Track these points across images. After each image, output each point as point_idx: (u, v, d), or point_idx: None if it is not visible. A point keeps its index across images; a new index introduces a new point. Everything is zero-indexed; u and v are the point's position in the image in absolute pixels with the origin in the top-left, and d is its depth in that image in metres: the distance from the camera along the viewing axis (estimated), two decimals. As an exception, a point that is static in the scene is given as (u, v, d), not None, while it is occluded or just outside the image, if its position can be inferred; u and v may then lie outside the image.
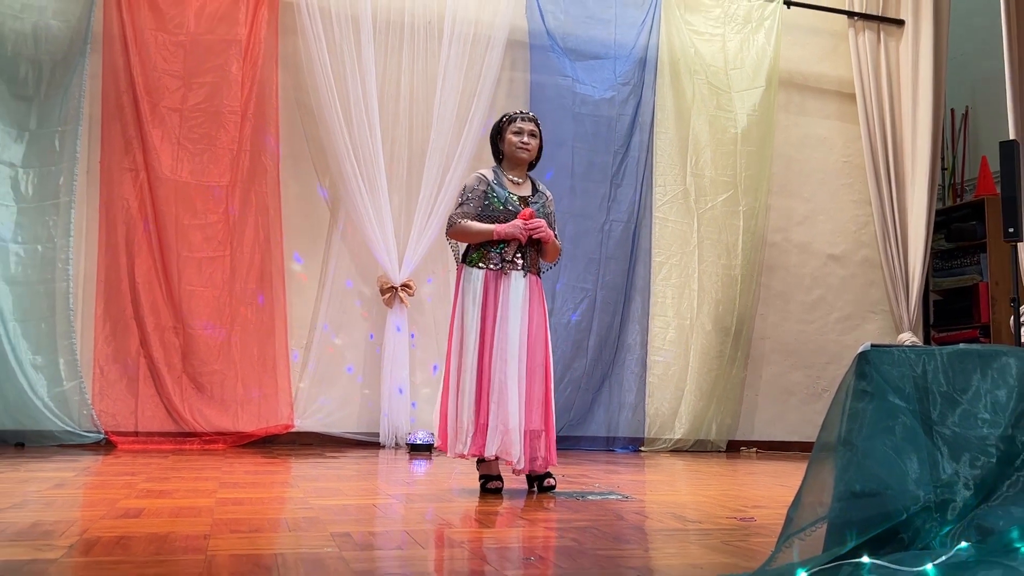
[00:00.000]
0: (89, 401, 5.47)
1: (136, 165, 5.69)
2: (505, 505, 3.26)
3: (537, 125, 3.81)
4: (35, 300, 5.47)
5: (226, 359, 5.75)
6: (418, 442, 5.80)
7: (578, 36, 6.73)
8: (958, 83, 7.82)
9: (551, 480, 3.71)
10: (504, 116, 3.85)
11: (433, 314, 6.32)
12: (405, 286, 6.10)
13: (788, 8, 7.20)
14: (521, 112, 3.84)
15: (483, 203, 3.68)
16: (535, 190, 3.82)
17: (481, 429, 3.52)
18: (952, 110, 7.94)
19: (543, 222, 3.67)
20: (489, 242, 3.66)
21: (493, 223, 3.65)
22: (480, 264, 3.66)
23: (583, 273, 6.53)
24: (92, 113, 5.67)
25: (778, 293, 7.25)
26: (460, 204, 3.71)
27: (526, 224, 3.62)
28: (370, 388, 6.13)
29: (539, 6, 6.61)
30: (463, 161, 6.26)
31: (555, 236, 3.78)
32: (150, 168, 5.68)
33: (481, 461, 3.68)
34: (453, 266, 6.24)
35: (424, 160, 6.22)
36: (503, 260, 3.64)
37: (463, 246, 3.79)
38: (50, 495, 3.16)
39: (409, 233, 6.18)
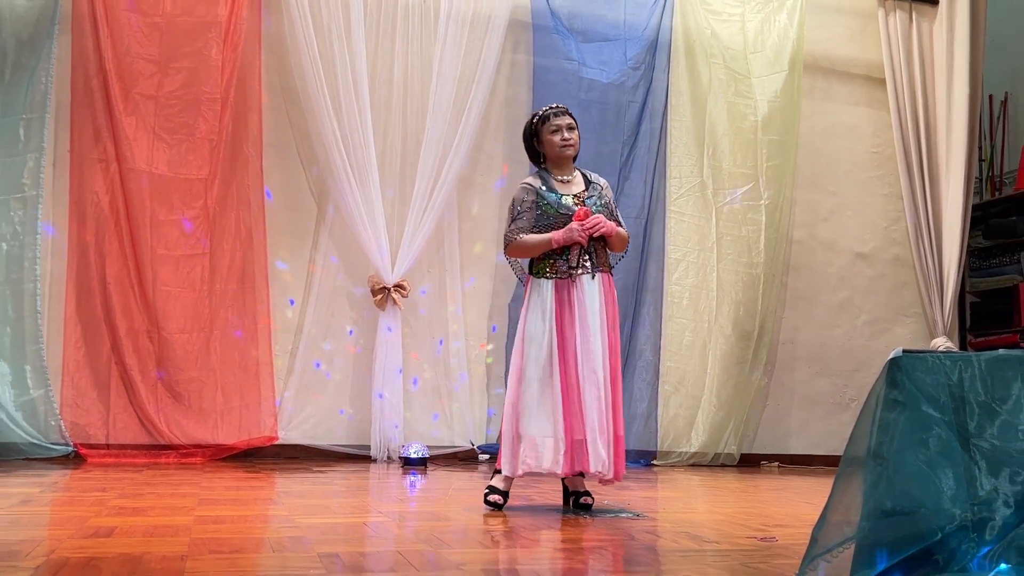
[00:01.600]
0: (57, 411, 5.47)
1: (107, 156, 5.68)
2: (508, 524, 3.26)
3: (571, 115, 3.87)
4: (0, 302, 5.47)
5: (204, 366, 5.75)
6: (412, 456, 5.79)
7: (585, 16, 6.73)
8: (996, 67, 7.81)
9: (588, 499, 3.74)
10: (535, 117, 3.90)
11: (429, 317, 6.32)
12: (398, 286, 6.09)
13: (812, -15, 7.21)
14: (552, 108, 3.87)
15: (536, 213, 3.74)
16: (588, 182, 3.87)
17: (578, 445, 3.55)
18: (990, 96, 7.93)
19: (600, 218, 3.71)
20: (552, 251, 3.71)
21: (550, 231, 3.70)
22: (548, 274, 3.72)
23: (591, 273, 6.51)
24: (60, 99, 5.67)
25: (802, 294, 7.25)
26: (513, 220, 3.77)
27: (583, 225, 3.67)
28: (360, 397, 6.12)
29: (543, -17, 6.62)
30: (461, 151, 6.27)
31: (620, 223, 3.85)
32: (123, 159, 5.67)
33: (496, 473, 3.69)
34: (450, 266, 6.36)
35: (419, 150, 6.22)
36: (570, 267, 3.70)
37: (526, 261, 3.85)
38: (15, 512, 3.16)
39: (403, 229, 6.18)
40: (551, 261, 3.72)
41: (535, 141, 3.89)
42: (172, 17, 5.81)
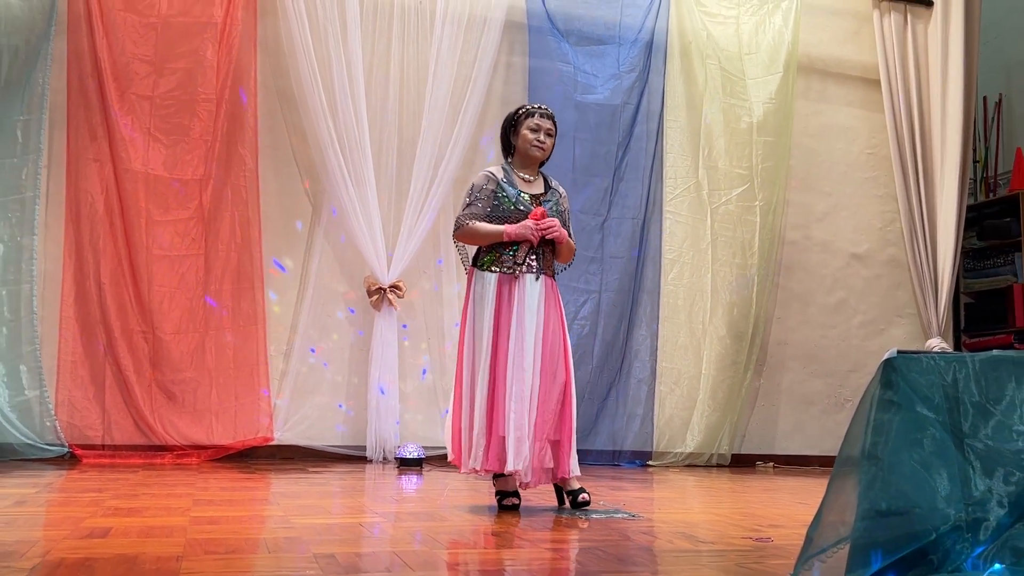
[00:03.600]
0: (53, 412, 5.46)
1: (103, 157, 5.67)
2: (504, 524, 3.26)
3: (554, 123, 3.88)
4: (-5, 302, 5.46)
5: (199, 366, 5.75)
6: (408, 456, 5.79)
7: (580, 18, 6.74)
8: (991, 69, 7.83)
9: (585, 495, 3.72)
10: (521, 109, 3.91)
11: (425, 317, 6.32)
12: (394, 287, 6.09)
13: (808, -13, 7.22)
14: (540, 107, 3.88)
15: (492, 203, 3.73)
16: (548, 187, 3.87)
17: (498, 442, 3.54)
18: (984, 98, 7.95)
19: (556, 222, 3.71)
20: (500, 244, 3.70)
21: (503, 224, 3.69)
22: (492, 268, 3.71)
23: (586, 274, 6.53)
24: (56, 101, 5.66)
25: (797, 295, 7.26)
26: (468, 204, 3.76)
27: (538, 224, 3.67)
28: (356, 398, 6.13)
29: (538, -16, 6.62)
30: (457, 152, 6.27)
31: (570, 235, 3.84)
32: (118, 160, 5.67)
33: (497, 476, 3.70)
34: (445, 266, 6.35)
35: (415, 151, 6.22)
36: (515, 263, 3.68)
37: (472, 249, 3.84)
38: (10, 513, 3.15)
39: (399, 230, 6.18)
40: (497, 254, 3.71)
41: (511, 131, 3.89)
42: (168, 18, 5.81)
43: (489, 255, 3.73)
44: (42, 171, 5.61)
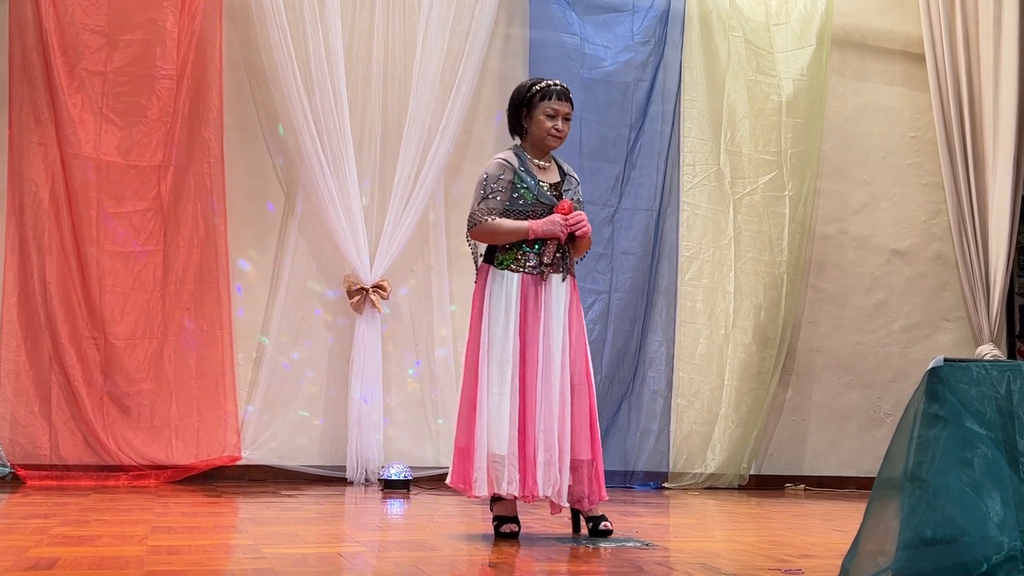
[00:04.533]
0: (-8, 428, 5.47)
1: (48, 140, 5.66)
2: (502, 555, 3.27)
3: (572, 104, 3.85)
4: (-72, 305, 5.46)
5: (157, 376, 5.74)
6: (393, 477, 5.80)
7: (588, -17, 6.75)
8: (1050, 41, 7.83)
9: (608, 524, 3.72)
10: (535, 86, 3.85)
11: (412, 321, 6.32)
12: (378, 287, 6.09)
13: (843, -51, 7.24)
14: (557, 85, 3.83)
15: (511, 195, 3.72)
16: (563, 174, 3.87)
17: (530, 464, 3.54)
18: (1042, 74, 7.96)
19: (583, 215, 3.73)
20: (521, 241, 3.69)
21: (522, 218, 3.69)
22: (513, 267, 3.70)
23: (594, 272, 6.53)
24: (-4, 77, 5.67)
25: (831, 296, 7.27)
26: (483, 198, 3.73)
27: (566, 220, 3.66)
28: (335, 412, 6.12)
29: (540, -54, 6.63)
30: (448, 136, 6.27)
31: None
32: (65, 144, 5.66)
33: (496, 500, 3.71)
34: (435, 264, 6.35)
35: (401, 134, 6.22)
36: (542, 262, 3.68)
37: (483, 246, 3.82)
38: (-56, 542, 3.15)
39: (383, 223, 6.18)
40: (520, 253, 3.71)
41: (523, 112, 3.85)
42: (123, -17, 5.81)
43: (509, 252, 3.72)
44: (-20, 156, 5.62)
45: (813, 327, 7.21)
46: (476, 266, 3.85)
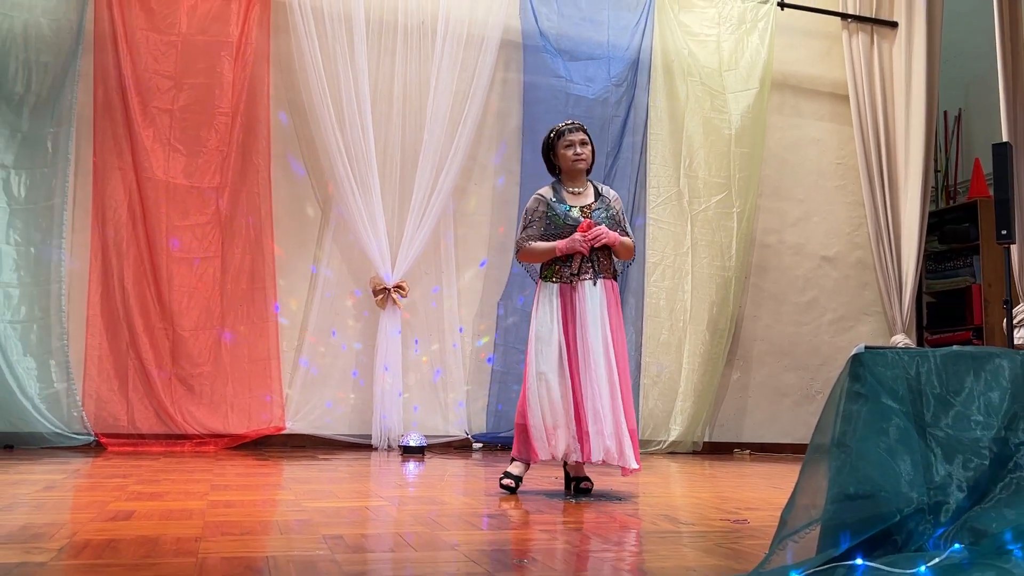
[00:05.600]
0: (79, 403, 5.45)
1: (126, 166, 5.67)
2: (499, 507, 3.26)
3: (585, 132, 3.92)
4: (27, 301, 5.45)
5: (216, 361, 5.74)
6: (411, 444, 5.79)
7: (572, 37, 6.74)
8: (951, 84, 7.84)
9: (587, 483, 3.81)
10: (551, 131, 3.96)
11: (426, 315, 6.31)
12: (398, 287, 6.09)
13: (782, 10, 7.23)
14: (567, 124, 3.94)
15: (545, 222, 3.82)
16: (597, 195, 3.90)
17: (585, 435, 3.62)
18: (945, 112, 7.96)
19: (603, 229, 3.76)
20: (557, 258, 3.79)
21: (557, 239, 3.78)
22: (553, 279, 3.81)
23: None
24: (83, 114, 5.65)
25: (773, 294, 7.27)
26: (524, 228, 3.87)
27: (585, 236, 3.72)
28: (363, 390, 6.12)
29: (532, 7, 6.61)
30: (456, 162, 6.26)
31: (628, 233, 3.92)
32: (140, 169, 5.66)
33: (513, 460, 3.79)
34: (446, 268, 6.35)
35: (417, 161, 6.22)
36: (572, 273, 3.77)
37: (536, 265, 3.92)
38: (40, 497, 3.14)
39: (402, 234, 6.17)
40: (557, 267, 3.80)
41: (551, 154, 3.94)
42: (187, 36, 5.80)
43: (549, 268, 3.83)
44: (70, 180, 5.60)
45: (756, 320, 7.21)
46: (535, 282, 3.94)
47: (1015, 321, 5.88)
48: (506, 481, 3.71)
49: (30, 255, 5.49)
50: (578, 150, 3.85)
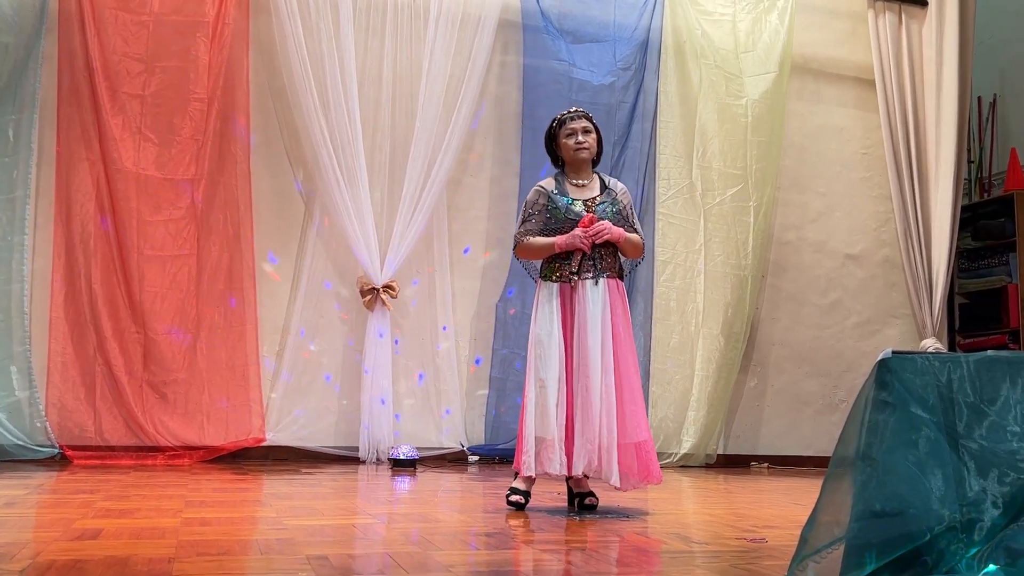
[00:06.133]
0: (43, 412, 5.45)
1: (94, 156, 5.66)
2: (500, 526, 3.26)
3: (589, 119, 3.92)
4: (-15, 302, 5.45)
5: (191, 367, 5.73)
6: (401, 457, 5.79)
7: (575, 16, 6.74)
8: (985, 69, 7.85)
9: (593, 499, 3.78)
10: (553, 120, 3.98)
11: (418, 318, 6.31)
12: (387, 287, 6.09)
13: (803, -13, 7.24)
14: (569, 112, 3.95)
15: (546, 216, 3.81)
16: (603, 187, 3.90)
17: (571, 445, 3.62)
18: (979, 98, 7.97)
19: (606, 224, 3.74)
20: (557, 255, 3.78)
21: (558, 234, 3.76)
22: (553, 278, 3.79)
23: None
24: (47, 100, 5.64)
25: (792, 296, 7.27)
26: (523, 221, 3.86)
27: (586, 232, 3.71)
28: (349, 399, 6.12)
29: (532, -17, 6.62)
30: (450, 152, 6.26)
31: (637, 229, 3.90)
32: (109, 159, 5.66)
33: (518, 474, 3.76)
34: (440, 266, 6.35)
35: (408, 151, 6.21)
36: (571, 272, 3.75)
37: (536, 263, 3.91)
38: (0, 515, 3.14)
39: (392, 230, 6.17)
40: (556, 265, 3.79)
41: (554, 144, 3.95)
42: (160, 16, 5.80)
43: (549, 266, 3.82)
44: (33, 171, 5.59)
45: (775, 323, 7.21)
46: (534, 279, 3.93)
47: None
48: (514, 498, 3.69)
49: (-11, 252, 5.48)
50: (580, 138, 3.84)
